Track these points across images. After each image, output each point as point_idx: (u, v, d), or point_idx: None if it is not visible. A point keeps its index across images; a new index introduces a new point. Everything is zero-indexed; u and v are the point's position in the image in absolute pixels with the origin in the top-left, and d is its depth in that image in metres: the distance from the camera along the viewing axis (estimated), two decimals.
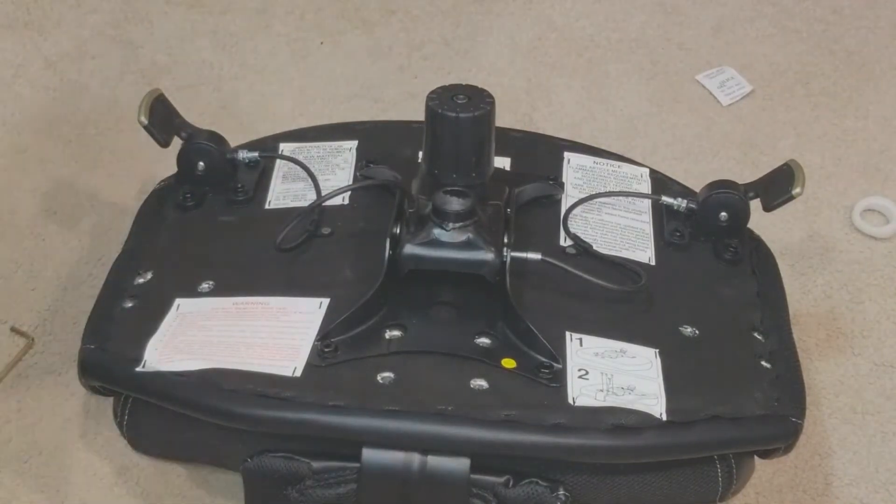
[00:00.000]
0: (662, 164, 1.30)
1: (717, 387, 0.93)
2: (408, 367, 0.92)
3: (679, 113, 1.44)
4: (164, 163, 1.17)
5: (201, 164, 1.09)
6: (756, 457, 0.96)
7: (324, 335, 0.93)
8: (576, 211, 1.07)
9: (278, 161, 1.13)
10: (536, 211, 1.07)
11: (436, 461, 0.89)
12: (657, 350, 0.95)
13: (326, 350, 0.92)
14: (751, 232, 1.10)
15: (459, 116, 0.95)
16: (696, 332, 0.98)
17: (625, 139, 1.40)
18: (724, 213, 1.06)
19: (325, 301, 0.97)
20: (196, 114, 1.34)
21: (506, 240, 0.98)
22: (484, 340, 0.95)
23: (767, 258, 1.09)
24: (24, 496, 1.06)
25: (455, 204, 0.96)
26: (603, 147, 1.19)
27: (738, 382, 0.94)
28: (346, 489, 0.90)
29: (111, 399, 1.00)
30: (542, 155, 1.14)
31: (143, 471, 1.07)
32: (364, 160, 1.11)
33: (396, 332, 0.95)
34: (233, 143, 1.12)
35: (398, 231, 0.98)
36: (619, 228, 1.07)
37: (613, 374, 0.92)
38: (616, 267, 1.02)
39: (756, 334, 1.00)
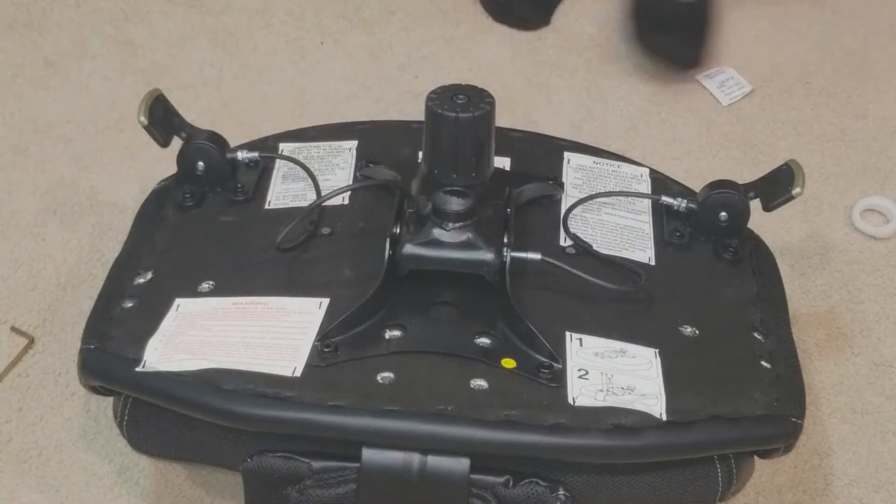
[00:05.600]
0: (662, 164, 1.30)
1: (717, 387, 0.93)
2: (408, 367, 0.92)
3: (679, 113, 1.44)
4: (164, 163, 1.17)
5: (201, 164, 1.09)
6: (756, 457, 0.96)
7: (324, 335, 0.93)
8: (576, 211, 1.07)
9: (278, 161, 1.13)
10: (536, 211, 1.07)
11: (436, 461, 0.89)
12: (657, 350, 0.95)
13: (326, 350, 0.92)
14: (751, 232, 1.10)
15: (459, 116, 0.95)
16: (696, 332, 0.98)
17: (625, 139, 1.40)
18: (724, 213, 1.06)
19: (325, 301, 0.97)
20: (196, 114, 1.35)
21: (506, 240, 0.98)
22: (484, 340, 0.95)
23: (767, 258, 1.09)
24: (24, 496, 1.06)
25: (455, 204, 0.96)
26: (603, 147, 1.19)
27: (738, 382, 0.94)
28: (346, 489, 0.90)
29: (111, 399, 1.00)
30: (542, 155, 1.14)
31: (143, 471, 1.07)
32: (364, 160, 1.11)
33: (396, 332, 0.95)
34: (233, 143, 1.12)
35: (398, 231, 0.98)
36: (619, 228, 1.07)
37: (613, 374, 0.92)
38: (616, 267, 1.02)
39: (756, 334, 1.00)
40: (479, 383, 0.91)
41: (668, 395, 0.91)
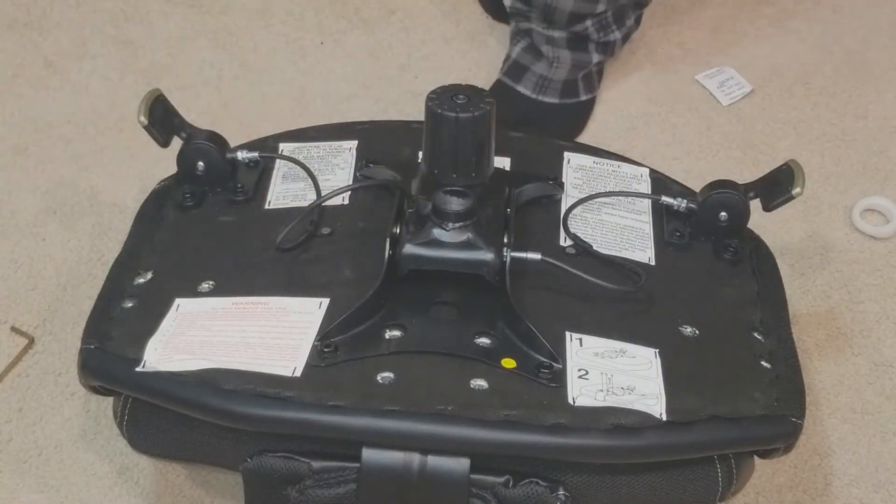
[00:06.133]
0: (662, 164, 1.30)
1: (717, 387, 0.93)
2: (408, 367, 0.92)
3: (679, 113, 1.44)
4: (164, 163, 1.17)
5: (201, 164, 1.09)
6: (756, 457, 0.96)
7: (324, 335, 0.93)
8: (576, 211, 1.07)
9: (278, 161, 1.13)
10: (536, 211, 1.07)
11: (435, 461, 0.89)
12: (657, 350, 0.95)
13: (326, 350, 0.92)
14: (751, 232, 1.10)
15: (459, 116, 0.95)
16: (696, 332, 0.98)
17: (625, 139, 1.40)
18: (724, 213, 1.06)
19: (325, 301, 0.97)
20: (196, 114, 1.35)
21: (506, 240, 0.98)
22: (484, 340, 0.95)
23: (767, 258, 1.09)
24: (24, 496, 1.06)
25: (455, 204, 0.96)
26: (603, 147, 1.19)
27: (738, 382, 0.94)
28: (346, 489, 0.90)
29: (111, 399, 1.00)
30: (542, 155, 1.14)
31: (143, 471, 1.07)
32: (364, 160, 1.11)
33: (396, 332, 0.95)
34: (233, 143, 1.12)
35: (398, 231, 0.98)
36: (619, 228, 1.07)
37: (613, 374, 0.92)
38: (616, 267, 1.02)
39: (756, 334, 1.00)
40: (479, 383, 0.91)
41: (668, 395, 0.91)
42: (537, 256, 0.99)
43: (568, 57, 1.37)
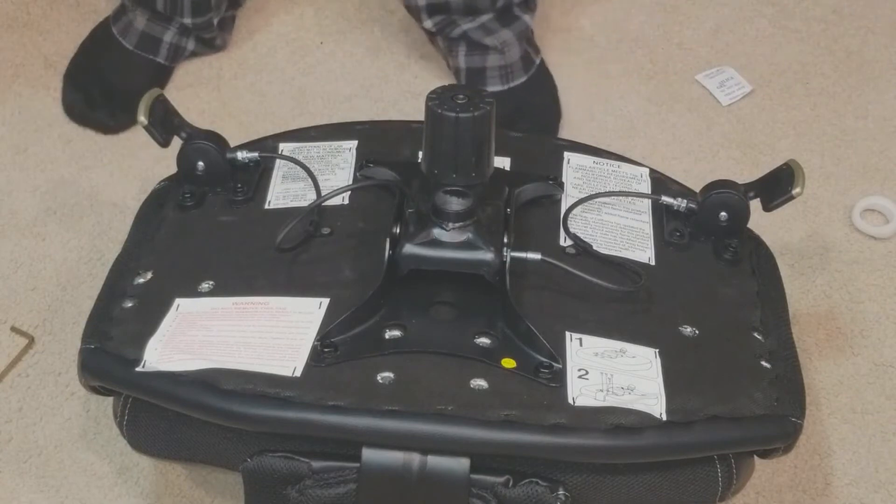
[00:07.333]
0: (662, 164, 1.30)
1: (717, 387, 0.93)
2: (408, 367, 0.92)
3: (679, 113, 1.44)
4: (164, 163, 1.17)
5: (201, 163, 1.09)
6: (756, 457, 0.96)
7: (324, 335, 0.93)
8: (576, 211, 1.07)
9: (278, 161, 1.13)
10: (536, 211, 1.07)
11: (436, 461, 0.89)
12: (657, 350, 0.95)
13: (326, 350, 0.92)
14: (751, 232, 1.10)
15: (459, 116, 0.95)
16: (696, 332, 0.98)
17: (625, 139, 1.40)
18: (724, 213, 1.06)
19: (325, 301, 0.97)
20: (196, 114, 1.35)
21: (505, 240, 0.98)
22: (484, 340, 0.95)
23: (767, 258, 1.09)
24: (24, 496, 1.06)
25: (455, 204, 0.96)
26: (603, 147, 1.19)
27: (738, 382, 0.94)
28: (346, 489, 0.90)
29: (111, 399, 1.00)
30: (542, 155, 1.14)
31: (142, 471, 1.07)
32: (364, 160, 1.11)
33: (396, 332, 0.95)
34: (233, 143, 1.12)
35: (398, 231, 0.98)
36: (619, 228, 1.07)
37: (613, 374, 0.92)
38: (616, 267, 1.02)
39: (756, 334, 1.00)
40: (479, 383, 0.91)
41: (668, 395, 0.91)
42: (537, 256, 0.99)
43: (510, 35, 1.38)
